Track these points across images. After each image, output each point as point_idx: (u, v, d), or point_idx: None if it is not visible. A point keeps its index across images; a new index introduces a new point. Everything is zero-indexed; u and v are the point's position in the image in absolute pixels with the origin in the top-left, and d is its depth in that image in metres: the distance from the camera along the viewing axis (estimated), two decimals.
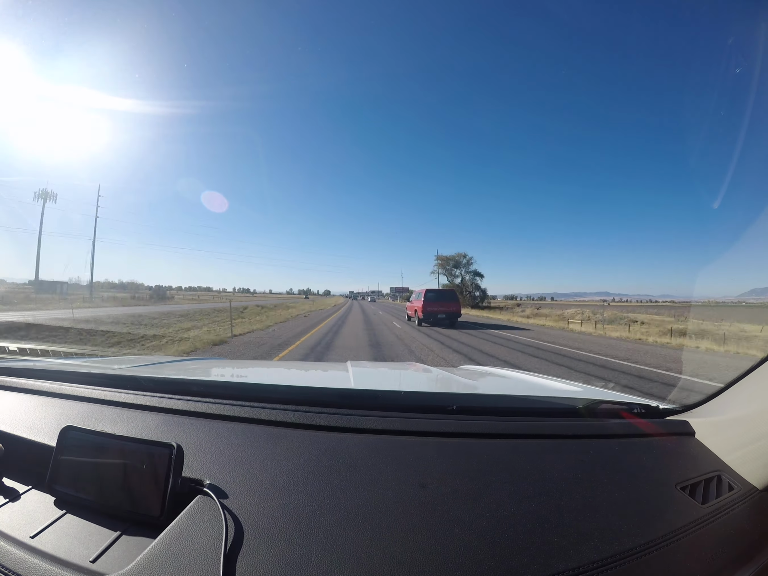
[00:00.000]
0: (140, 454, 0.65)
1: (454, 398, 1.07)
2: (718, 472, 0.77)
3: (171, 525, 0.58)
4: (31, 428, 0.85)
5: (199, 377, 1.37)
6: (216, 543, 0.54)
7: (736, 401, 0.88)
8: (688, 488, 0.72)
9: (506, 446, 0.81)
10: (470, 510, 0.61)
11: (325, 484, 0.66)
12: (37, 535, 0.61)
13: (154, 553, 0.53)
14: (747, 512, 0.70)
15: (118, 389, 1.06)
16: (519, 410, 1.03)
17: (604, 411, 1.02)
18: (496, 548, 0.54)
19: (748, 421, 0.81)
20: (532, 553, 0.54)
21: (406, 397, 1.08)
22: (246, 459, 0.73)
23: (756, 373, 0.86)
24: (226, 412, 0.92)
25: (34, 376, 1.17)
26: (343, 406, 0.97)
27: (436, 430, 0.85)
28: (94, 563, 0.56)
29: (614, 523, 0.61)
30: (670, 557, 0.58)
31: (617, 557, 0.55)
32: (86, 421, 0.89)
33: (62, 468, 0.68)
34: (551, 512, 0.62)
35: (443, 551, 0.53)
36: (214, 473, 0.69)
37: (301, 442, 0.79)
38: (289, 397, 1.03)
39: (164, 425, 0.87)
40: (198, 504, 0.62)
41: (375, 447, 0.78)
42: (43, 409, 0.96)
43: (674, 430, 0.93)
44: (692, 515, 0.66)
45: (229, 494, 0.63)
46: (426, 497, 0.64)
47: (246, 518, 0.58)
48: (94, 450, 0.68)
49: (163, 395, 1.01)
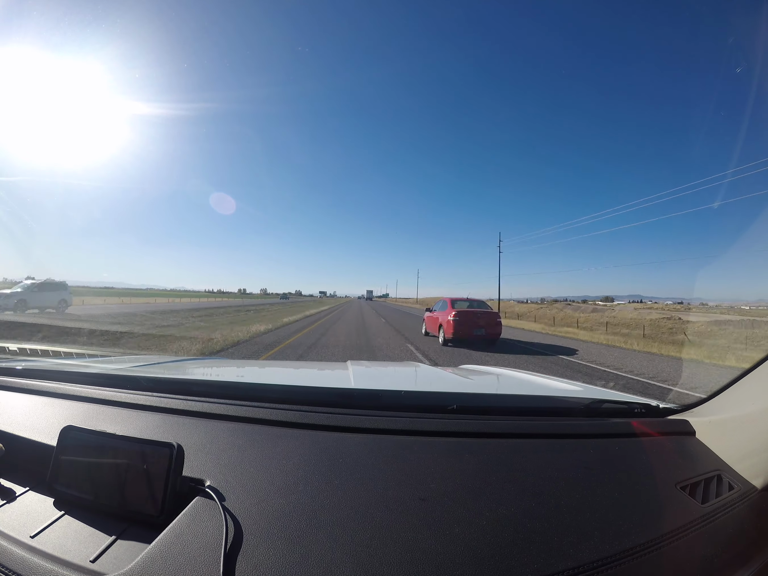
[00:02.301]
0: (140, 454, 0.65)
1: (454, 398, 1.07)
2: (718, 471, 0.77)
3: (171, 525, 0.58)
4: (31, 428, 0.85)
5: (199, 377, 1.37)
6: (216, 543, 0.54)
7: (737, 401, 0.88)
8: (688, 488, 0.72)
9: (506, 446, 0.81)
10: (470, 509, 0.61)
11: (326, 484, 0.66)
12: (37, 535, 0.61)
13: (154, 553, 0.53)
14: (747, 512, 0.70)
15: (118, 389, 1.06)
16: (519, 410, 1.03)
17: (605, 410, 1.02)
18: (496, 547, 0.54)
19: (748, 421, 0.81)
20: (532, 553, 0.54)
21: (407, 397, 1.08)
22: (246, 459, 0.73)
23: (756, 373, 0.86)
24: (226, 411, 0.92)
25: (34, 376, 1.17)
26: (343, 406, 0.97)
27: (436, 430, 0.85)
28: (94, 563, 0.56)
29: (614, 523, 0.61)
30: (670, 556, 0.58)
31: (617, 556, 0.55)
32: (86, 421, 0.89)
33: (62, 468, 0.68)
34: (551, 511, 0.62)
35: (443, 550, 0.53)
36: (214, 473, 0.69)
37: (301, 441, 0.79)
38: (289, 396, 1.03)
39: (164, 425, 0.87)
40: (198, 504, 0.62)
41: (375, 446, 0.78)
42: (44, 409, 0.96)
43: (674, 429, 0.93)
44: (692, 515, 0.66)
45: (229, 494, 0.63)
46: (426, 496, 0.64)
47: (246, 518, 0.58)
48: (95, 450, 0.68)
49: (163, 395, 1.01)
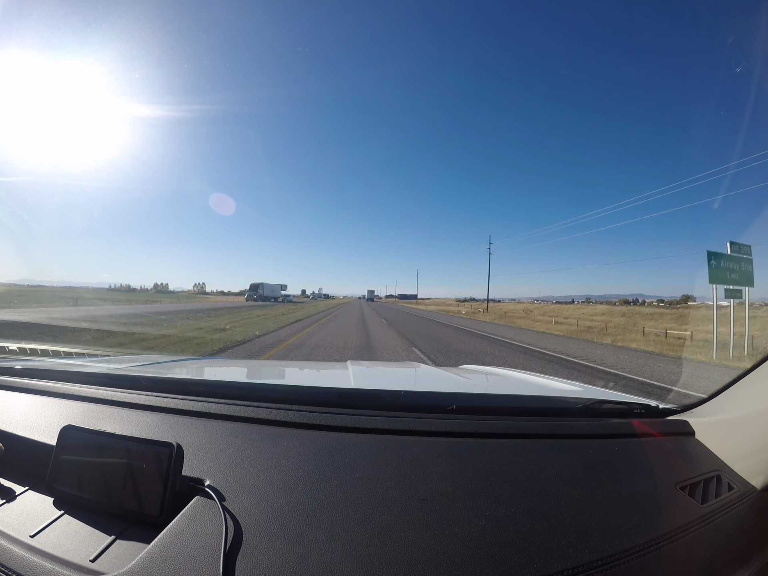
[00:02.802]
0: (140, 454, 0.65)
1: (453, 398, 1.07)
2: (718, 471, 0.78)
3: (171, 524, 0.58)
4: (31, 428, 0.85)
5: (198, 377, 1.37)
6: (216, 542, 0.54)
7: (736, 401, 0.88)
8: (688, 488, 0.72)
9: (506, 446, 0.81)
10: (470, 509, 0.61)
11: (325, 484, 0.66)
12: (36, 534, 0.61)
13: (153, 553, 0.54)
14: (746, 512, 0.70)
15: (118, 389, 1.06)
16: (519, 410, 1.03)
17: (605, 411, 1.02)
18: (495, 547, 0.54)
19: (747, 422, 0.81)
20: (532, 553, 0.54)
21: (406, 397, 1.08)
22: (246, 458, 0.73)
23: (755, 374, 0.86)
24: (226, 411, 0.92)
25: (34, 376, 1.17)
26: (343, 406, 0.97)
27: (436, 430, 0.85)
28: (93, 562, 0.56)
29: (614, 523, 0.61)
30: (670, 557, 0.58)
31: (617, 557, 0.55)
32: (86, 420, 0.89)
33: (62, 467, 0.68)
34: (551, 512, 0.62)
35: (443, 550, 0.54)
36: (214, 473, 0.69)
37: (301, 441, 0.80)
38: (289, 396, 1.03)
39: (164, 425, 0.87)
40: (198, 503, 0.62)
41: (375, 446, 0.78)
42: (43, 408, 0.96)
43: (674, 430, 0.93)
44: (692, 515, 0.66)
45: (228, 494, 0.63)
46: (425, 496, 0.64)
47: (246, 518, 0.58)
48: (94, 449, 0.68)
49: (163, 395, 1.01)
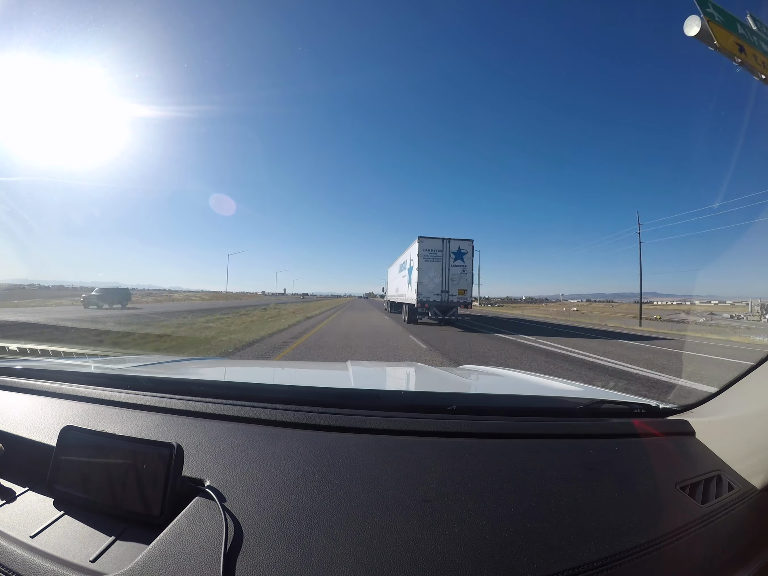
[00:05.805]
0: (140, 454, 0.65)
1: (453, 398, 1.07)
2: (718, 471, 0.77)
3: (171, 525, 0.58)
4: (31, 428, 0.85)
5: (199, 377, 1.37)
6: (216, 543, 0.54)
7: (736, 401, 0.88)
8: (688, 488, 0.72)
9: (506, 446, 0.81)
10: (470, 509, 0.61)
11: (325, 484, 0.66)
12: (37, 534, 0.61)
13: (153, 553, 0.54)
14: (747, 512, 0.70)
15: (118, 389, 1.06)
16: (519, 410, 1.03)
17: (605, 411, 1.02)
18: (496, 548, 0.54)
19: (748, 421, 0.81)
20: (532, 553, 0.54)
21: (406, 397, 1.08)
22: (246, 459, 0.73)
23: (756, 373, 0.86)
24: (226, 412, 0.92)
25: (34, 376, 1.17)
26: (343, 406, 0.97)
27: (436, 430, 0.85)
28: (94, 563, 0.56)
29: (614, 523, 0.61)
30: (670, 557, 0.58)
31: (617, 557, 0.55)
32: (86, 421, 0.89)
33: (62, 468, 0.68)
34: (551, 512, 0.62)
35: (443, 551, 0.53)
36: (214, 473, 0.69)
37: (301, 442, 0.79)
38: (289, 396, 1.03)
39: (164, 425, 0.87)
40: (198, 504, 0.62)
41: (375, 447, 0.78)
42: (43, 409, 0.96)
43: (674, 429, 0.93)
44: (692, 515, 0.66)
45: (228, 494, 0.63)
46: (426, 497, 0.64)
47: (246, 518, 0.58)
48: (94, 450, 0.68)
49: (163, 395, 1.01)
